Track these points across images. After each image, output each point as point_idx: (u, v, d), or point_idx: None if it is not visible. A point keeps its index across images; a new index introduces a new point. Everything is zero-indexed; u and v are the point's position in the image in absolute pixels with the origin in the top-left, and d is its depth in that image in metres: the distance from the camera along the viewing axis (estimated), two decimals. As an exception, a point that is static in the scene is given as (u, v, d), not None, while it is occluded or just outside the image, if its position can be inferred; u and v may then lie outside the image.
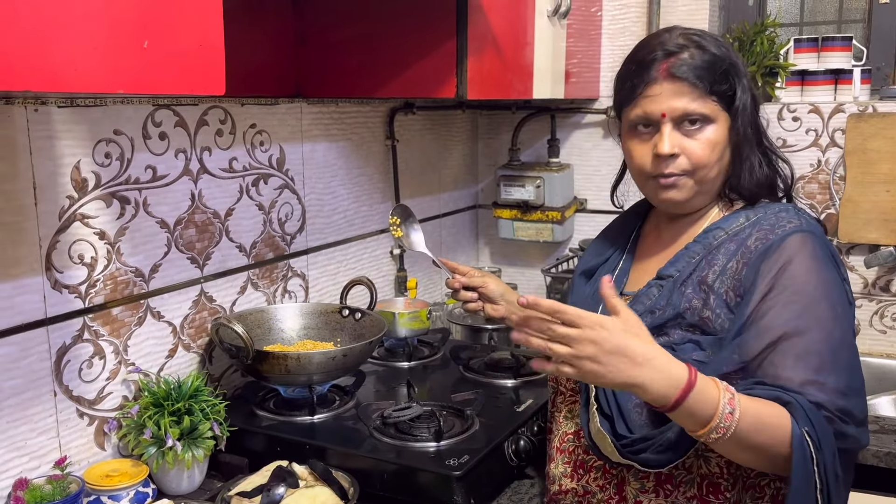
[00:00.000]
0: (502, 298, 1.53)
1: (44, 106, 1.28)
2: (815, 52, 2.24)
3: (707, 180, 1.19)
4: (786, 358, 1.06)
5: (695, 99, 1.15)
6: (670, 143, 1.16)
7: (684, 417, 1.01)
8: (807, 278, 1.09)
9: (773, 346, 1.07)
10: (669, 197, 1.20)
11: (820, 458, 1.01)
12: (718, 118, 1.17)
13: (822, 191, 2.21)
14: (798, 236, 1.12)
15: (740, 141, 1.19)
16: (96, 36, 0.85)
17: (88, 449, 1.40)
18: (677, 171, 1.17)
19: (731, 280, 1.13)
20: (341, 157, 1.98)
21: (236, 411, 1.52)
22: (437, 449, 1.38)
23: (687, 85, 1.15)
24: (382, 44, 1.73)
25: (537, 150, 2.53)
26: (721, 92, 1.17)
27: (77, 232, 1.35)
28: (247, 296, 1.73)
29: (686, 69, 1.15)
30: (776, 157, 1.25)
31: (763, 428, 1.02)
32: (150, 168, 1.47)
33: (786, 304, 1.08)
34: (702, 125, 1.16)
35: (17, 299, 1.26)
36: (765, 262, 1.11)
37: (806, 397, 1.03)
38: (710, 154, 1.17)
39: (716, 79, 1.16)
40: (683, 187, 1.19)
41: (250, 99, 1.69)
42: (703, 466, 1.13)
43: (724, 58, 1.18)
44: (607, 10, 2.37)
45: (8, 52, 0.77)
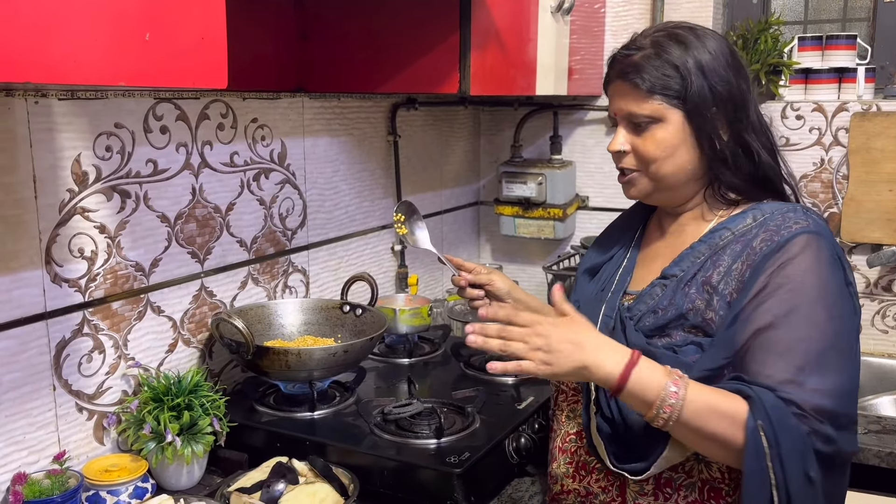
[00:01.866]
0: (509, 296, 1.52)
1: (44, 98, 1.27)
2: (819, 50, 2.23)
3: (663, 176, 1.19)
4: (768, 353, 1.05)
5: (636, 100, 1.17)
6: (619, 140, 1.21)
7: (632, 397, 1.06)
8: (804, 277, 1.07)
9: (755, 337, 1.06)
10: (628, 193, 1.25)
11: (774, 452, 1.00)
12: (667, 117, 1.16)
13: (824, 190, 2.20)
14: (804, 237, 1.10)
15: (706, 135, 1.16)
16: (98, 28, 0.85)
17: (87, 443, 1.40)
18: (628, 166, 1.22)
19: (736, 282, 1.12)
20: (343, 152, 1.97)
21: (236, 407, 1.51)
22: (438, 446, 1.37)
23: (629, 86, 1.17)
24: (385, 38, 1.72)
25: (539, 147, 2.52)
26: (667, 89, 1.15)
27: (77, 225, 1.34)
28: (247, 291, 1.72)
29: (631, 71, 1.17)
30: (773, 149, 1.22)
31: (714, 416, 1.03)
32: (151, 162, 1.46)
33: (778, 301, 1.07)
34: (648, 125, 1.18)
35: (16, 293, 1.25)
36: (768, 262, 1.09)
37: (778, 394, 1.02)
38: (656, 150, 1.17)
39: (659, 77, 1.15)
40: (637, 183, 1.22)
41: (252, 93, 1.68)
42: (705, 471, 1.13)
43: (678, 56, 1.15)
44: (610, 7, 2.36)
45: (8, 43, 0.76)
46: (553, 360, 1.06)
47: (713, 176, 1.20)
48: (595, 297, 1.28)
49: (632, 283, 1.27)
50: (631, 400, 1.07)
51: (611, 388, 1.06)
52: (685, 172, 1.19)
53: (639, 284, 1.25)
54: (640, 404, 1.06)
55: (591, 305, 1.27)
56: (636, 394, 1.05)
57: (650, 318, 1.17)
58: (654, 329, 1.16)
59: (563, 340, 1.06)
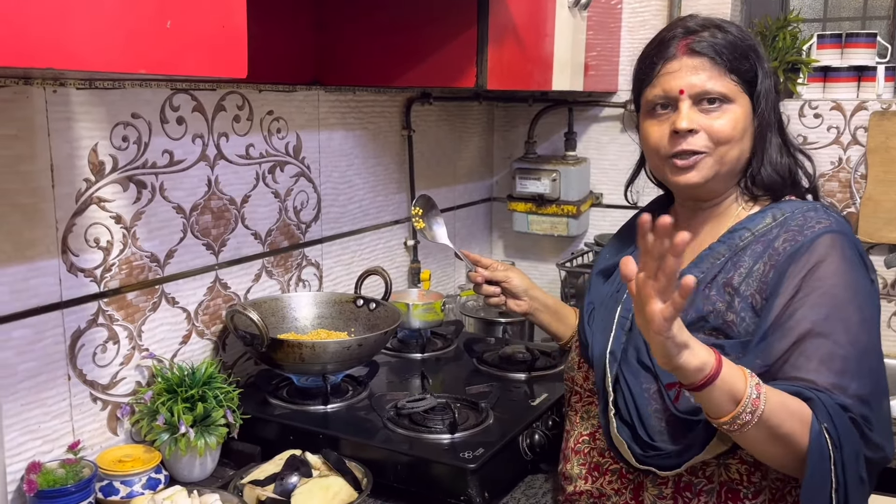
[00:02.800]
0: (526, 294, 1.51)
1: (62, 87, 1.27)
2: (838, 48, 2.21)
3: (727, 161, 1.15)
4: (809, 360, 1.03)
5: (713, 76, 1.13)
6: (690, 117, 1.13)
7: (716, 395, 0.96)
8: (835, 280, 1.06)
9: (796, 346, 1.04)
10: (687, 178, 1.16)
11: (838, 456, 0.99)
12: (738, 99, 1.14)
13: (842, 189, 2.18)
14: (828, 237, 1.09)
15: (762, 127, 1.16)
16: (118, 14, 0.84)
17: (101, 434, 1.40)
18: (697, 148, 1.14)
19: (757, 283, 1.10)
20: (357, 145, 1.96)
21: (249, 399, 1.51)
22: (452, 441, 1.37)
23: (707, 60, 1.13)
24: (402, 32, 1.72)
25: (554, 144, 2.51)
26: (741, 72, 1.14)
27: (93, 215, 1.34)
28: (261, 283, 1.72)
29: (706, 45, 1.14)
30: (796, 150, 1.22)
31: (788, 415, 0.99)
32: (167, 153, 1.46)
33: (813, 306, 1.05)
34: (721, 104, 1.14)
35: (32, 282, 1.25)
36: (793, 265, 1.08)
37: (832, 397, 1.01)
38: (732, 130, 1.13)
39: (736, 57, 1.14)
40: (703, 167, 1.15)
41: (268, 85, 1.67)
42: (724, 474, 1.11)
43: (746, 39, 1.16)
44: (627, 3, 2.34)
45: (29, 29, 0.76)
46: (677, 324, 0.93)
47: (754, 169, 1.18)
48: (610, 299, 1.27)
49: None
50: (717, 395, 0.97)
51: (703, 377, 0.95)
52: (742, 162, 1.17)
53: None
54: (726, 401, 0.97)
55: (606, 307, 1.26)
56: (726, 387, 0.96)
57: None
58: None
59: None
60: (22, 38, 0.75)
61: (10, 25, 0.74)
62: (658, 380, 1.13)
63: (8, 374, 1.23)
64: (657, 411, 1.12)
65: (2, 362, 1.22)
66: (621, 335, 1.19)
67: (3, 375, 1.22)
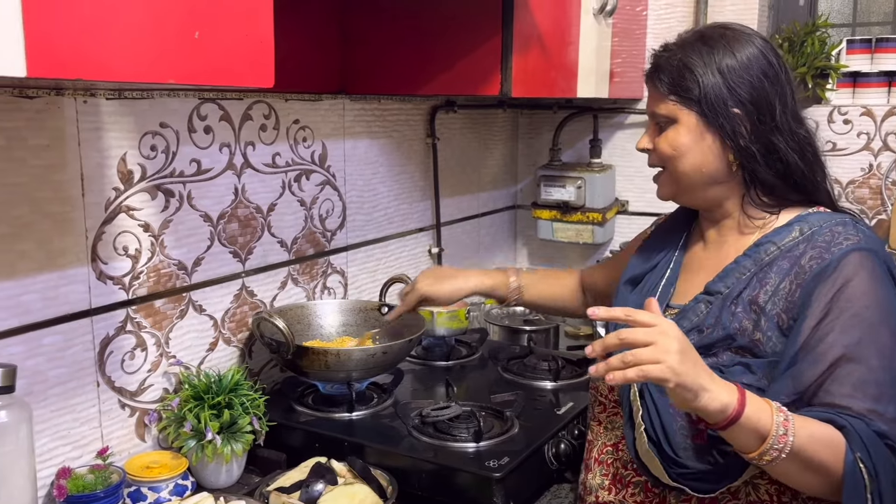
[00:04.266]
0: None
1: (93, 98, 1.29)
2: (868, 53, 2.18)
3: (680, 175, 1.19)
4: (843, 386, 1.02)
5: (657, 100, 1.20)
6: (644, 139, 1.24)
7: (745, 430, 0.97)
8: (866, 301, 1.04)
9: (828, 372, 1.03)
10: (657, 192, 1.26)
11: (874, 486, 0.97)
12: (680, 117, 1.17)
13: (873, 196, 2.14)
14: (856, 255, 1.06)
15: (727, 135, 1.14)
16: (148, 25, 0.85)
17: (129, 440, 1.41)
18: (652, 164, 1.24)
19: (784, 302, 1.09)
20: (382, 154, 1.97)
21: (275, 406, 1.51)
22: (477, 450, 1.36)
23: (651, 87, 1.22)
24: (427, 41, 1.72)
25: (578, 151, 2.50)
26: (682, 89, 1.16)
27: (122, 223, 1.36)
28: (287, 291, 1.73)
29: (649, 74, 1.21)
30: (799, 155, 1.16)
31: (820, 446, 0.98)
32: (195, 161, 1.48)
33: (844, 330, 1.03)
34: (667, 125, 1.19)
35: (63, 289, 1.27)
36: (820, 285, 1.06)
37: (867, 425, 0.99)
38: (668, 149, 1.18)
39: (673, 79, 1.17)
40: (663, 183, 1.24)
41: (294, 94, 1.69)
42: (752, 493, 1.10)
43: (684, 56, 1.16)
44: (653, 10, 2.33)
45: (62, 40, 0.77)
46: (682, 369, 0.95)
47: (749, 175, 1.17)
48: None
49: (675, 296, 1.24)
50: (743, 434, 0.97)
51: (725, 419, 0.96)
52: (702, 173, 1.18)
53: (682, 298, 1.22)
54: (753, 438, 0.97)
55: None
56: (751, 425, 0.97)
57: (695, 336, 1.13)
58: (699, 348, 1.11)
59: (689, 351, 0.97)
60: (55, 51, 0.76)
61: (43, 38, 0.75)
62: None
63: (39, 381, 1.25)
64: (683, 428, 1.10)
65: (33, 369, 1.24)
66: None
67: (35, 382, 1.24)
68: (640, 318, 0.98)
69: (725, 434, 0.99)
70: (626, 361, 0.95)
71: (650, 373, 0.94)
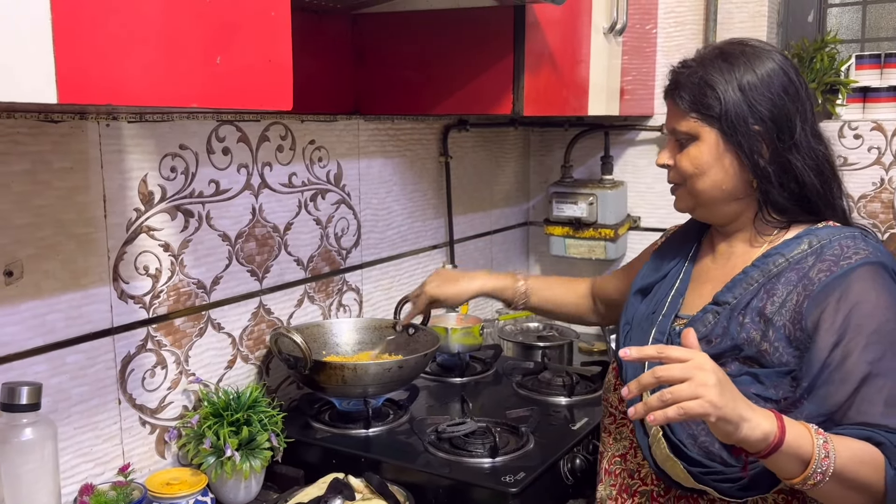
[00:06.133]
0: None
1: (115, 121, 1.32)
2: (877, 68, 2.19)
3: (699, 191, 1.19)
4: (874, 405, 1.02)
5: (677, 116, 1.20)
6: (664, 155, 1.24)
7: (785, 459, 0.97)
8: (884, 316, 1.05)
9: (857, 392, 1.03)
10: (675, 206, 1.27)
11: None
12: (702, 134, 1.17)
13: (885, 210, 2.15)
14: (867, 269, 1.07)
15: (746, 153, 1.14)
16: (171, 52, 0.88)
17: (150, 457, 1.43)
18: (671, 181, 1.25)
19: (792, 313, 1.09)
20: (396, 173, 1.99)
21: (292, 423, 1.53)
22: (493, 465, 1.37)
23: (672, 103, 1.22)
24: (439, 61, 1.75)
25: (590, 168, 2.52)
26: (704, 107, 1.16)
27: (143, 244, 1.38)
28: (303, 309, 1.75)
29: (673, 89, 1.21)
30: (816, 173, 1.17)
31: (861, 465, 0.98)
32: (214, 182, 1.51)
33: (865, 347, 1.04)
34: (688, 142, 1.19)
35: (85, 308, 1.30)
36: (830, 297, 1.07)
37: None
38: (689, 167, 1.19)
39: (695, 96, 1.16)
40: (680, 198, 1.25)
41: (310, 116, 1.72)
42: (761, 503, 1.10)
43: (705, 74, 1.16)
44: (662, 28, 2.36)
45: (91, 67, 0.80)
46: (722, 401, 0.93)
47: (762, 196, 1.17)
48: (646, 320, 1.26)
49: (684, 307, 1.25)
50: (785, 460, 0.97)
51: (767, 447, 0.96)
52: (721, 190, 1.18)
53: (690, 308, 1.23)
54: (796, 464, 0.97)
55: (641, 328, 1.26)
56: (792, 451, 0.96)
57: (703, 346, 1.13)
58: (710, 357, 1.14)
59: (727, 382, 0.96)
60: (84, 77, 0.79)
61: (73, 66, 0.78)
62: None
63: (63, 399, 1.27)
64: (691, 436, 1.11)
65: (57, 387, 1.26)
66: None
67: (59, 400, 1.27)
68: (673, 355, 0.96)
69: (768, 462, 0.98)
70: (665, 400, 0.94)
71: (691, 410, 0.93)
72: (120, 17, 0.82)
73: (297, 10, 1.05)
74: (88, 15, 0.79)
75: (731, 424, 0.94)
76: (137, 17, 0.84)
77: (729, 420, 0.94)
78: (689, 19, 2.32)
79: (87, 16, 0.79)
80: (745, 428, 0.94)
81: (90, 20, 0.79)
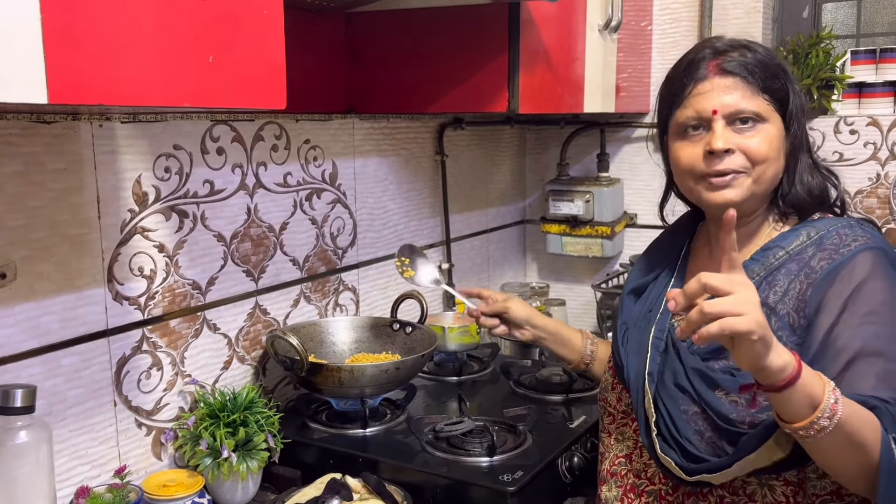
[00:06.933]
0: (528, 322, 1.52)
1: (108, 122, 1.31)
2: (872, 63, 2.19)
3: (764, 180, 1.14)
4: (866, 378, 1.00)
5: (746, 96, 1.12)
6: (726, 136, 1.12)
7: (798, 397, 0.92)
8: (882, 297, 1.04)
9: (848, 367, 1.02)
10: (724, 197, 1.13)
11: None
12: (771, 119, 1.14)
13: (881, 205, 2.15)
14: (868, 254, 1.08)
15: (795, 146, 1.16)
16: (164, 51, 0.88)
17: (146, 459, 1.42)
18: (734, 167, 1.12)
19: (794, 301, 1.09)
20: (392, 171, 1.99)
21: (289, 424, 1.53)
22: (490, 464, 1.37)
23: (739, 80, 1.13)
24: (434, 59, 1.74)
25: (586, 165, 2.52)
26: (773, 91, 1.14)
27: (137, 245, 1.38)
28: (300, 309, 1.74)
29: (737, 64, 1.13)
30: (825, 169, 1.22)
31: (862, 425, 0.94)
32: (208, 182, 1.50)
33: (861, 324, 1.03)
34: (755, 124, 1.13)
35: (80, 310, 1.29)
36: (834, 283, 1.06)
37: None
38: (769, 149, 1.12)
39: (768, 76, 1.14)
40: (740, 186, 1.13)
41: (304, 115, 1.71)
42: (769, 495, 1.10)
43: (774, 58, 1.16)
44: (657, 25, 2.35)
45: (82, 67, 0.79)
46: (760, 318, 0.88)
47: (785, 188, 1.18)
48: (643, 319, 1.26)
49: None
50: (797, 398, 0.92)
51: (784, 379, 0.91)
52: (776, 181, 1.17)
53: None
54: (805, 405, 0.92)
55: (639, 327, 1.25)
56: (806, 390, 0.92)
57: None
58: (710, 351, 1.13)
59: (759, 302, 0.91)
60: (75, 78, 0.79)
61: (63, 66, 0.77)
62: (698, 402, 1.11)
63: (58, 401, 1.27)
64: (698, 432, 1.10)
65: (52, 389, 1.25)
66: (657, 356, 1.19)
67: (54, 402, 1.26)
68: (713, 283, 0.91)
69: (780, 397, 0.93)
70: (706, 312, 0.88)
71: (735, 326, 0.87)
72: (111, 15, 0.81)
73: (290, 8, 1.05)
74: (79, 14, 0.78)
75: (766, 347, 0.89)
76: (129, 16, 0.83)
77: (767, 341, 0.89)
78: (684, 16, 2.32)
79: (78, 15, 0.78)
80: (772, 354, 0.90)
81: (80, 19, 0.78)
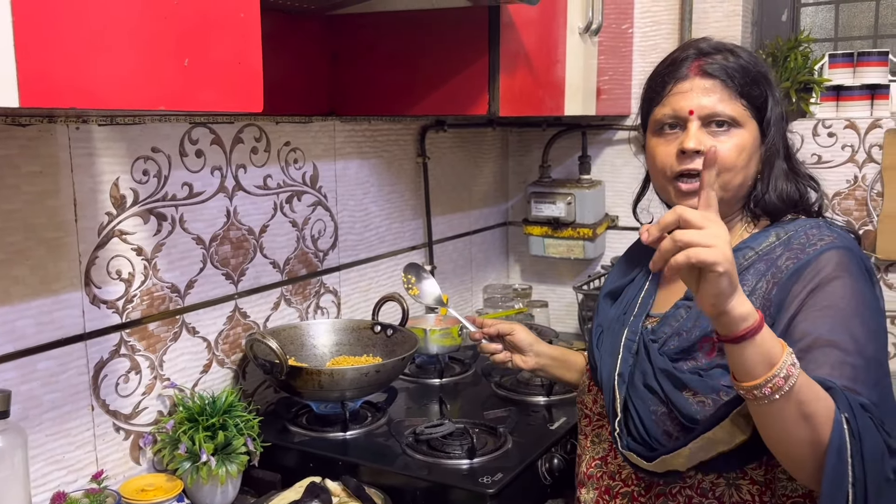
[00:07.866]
0: (531, 348, 1.51)
1: (85, 124, 1.30)
2: (850, 67, 2.21)
3: (731, 186, 1.15)
4: (820, 367, 1.00)
5: (724, 99, 1.14)
6: (698, 137, 1.13)
7: (756, 351, 0.91)
8: (841, 293, 1.05)
9: (805, 353, 1.01)
10: (691, 203, 1.11)
11: (856, 448, 0.93)
12: (747, 124, 1.15)
13: (859, 207, 2.17)
14: (833, 252, 1.09)
15: (770, 154, 1.17)
16: (139, 54, 0.87)
17: (124, 463, 1.41)
18: (697, 171, 1.12)
19: (761, 300, 1.10)
20: (373, 174, 1.99)
21: (269, 427, 1.52)
22: (470, 466, 1.37)
23: (718, 83, 1.14)
24: (414, 62, 1.74)
25: (568, 167, 2.53)
26: (752, 97, 1.15)
27: (115, 248, 1.37)
28: (280, 311, 1.74)
29: (718, 67, 1.15)
30: (804, 177, 1.22)
31: (815, 397, 0.94)
32: (187, 185, 1.49)
33: (817, 318, 1.04)
34: (729, 128, 1.14)
35: (57, 314, 1.28)
36: (797, 282, 1.07)
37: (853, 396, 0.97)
38: (737, 157, 1.14)
39: (747, 82, 1.15)
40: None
41: (285, 117, 1.70)
42: (735, 495, 1.11)
43: (758, 65, 1.17)
44: (638, 27, 2.37)
45: (53, 70, 0.78)
46: (728, 253, 0.89)
47: (759, 193, 1.18)
48: (617, 321, 1.26)
49: (655, 306, 1.25)
50: (755, 352, 0.92)
51: (745, 328, 0.91)
52: (746, 188, 1.18)
53: (662, 307, 1.23)
54: (762, 363, 0.92)
55: (613, 330, 1.26)
56: (765, 345, 0.92)
57: (675, 340, 1.15)
58: (678, 352, 1.14)
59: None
60: (47, 80, 0.78)
61: (35, 68, 0.76)
62: (665, 403, 1.12)
63: (34, 406, 1.25)
64: (666, 433, 1.11)
65: (27, 394, 1.24)
66: (629, 357, 1.19)
67: (29, 407, 1.25)
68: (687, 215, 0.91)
69: (738, 349, 0.92)
70: (677, 240, 0.89)
71: (703, 256, 0.88)
72: (84, 18, 0.81)
73: (270, 10, 1.05)
74: (51, 16, 0.77)
75: (730, 286, 0.90)
76: (103, 18, 0.82)
77: (731, 279, 0.89)
78: (664, 19, 2.33)
79: (50, 17, 0.77)
80: (736, 299, 0.90)
81: (53, 21, 0.78)
